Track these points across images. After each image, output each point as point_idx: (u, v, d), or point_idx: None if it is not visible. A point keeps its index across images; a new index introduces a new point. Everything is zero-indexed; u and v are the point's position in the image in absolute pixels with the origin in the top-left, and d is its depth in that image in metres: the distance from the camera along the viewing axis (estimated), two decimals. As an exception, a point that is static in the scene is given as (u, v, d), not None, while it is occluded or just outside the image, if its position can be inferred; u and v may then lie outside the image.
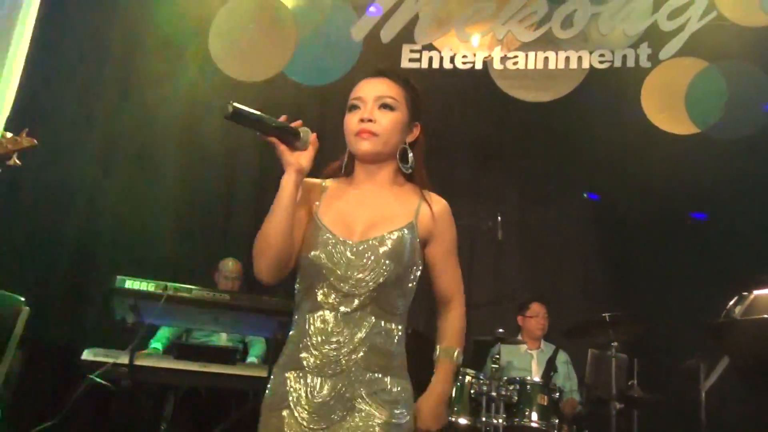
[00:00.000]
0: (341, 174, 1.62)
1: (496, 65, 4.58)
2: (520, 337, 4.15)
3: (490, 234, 4.07)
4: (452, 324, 1.66)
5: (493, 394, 3.50)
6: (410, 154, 1.58)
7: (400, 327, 1.53)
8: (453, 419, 3.51)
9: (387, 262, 1.48)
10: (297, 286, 1.56)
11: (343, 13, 4.79)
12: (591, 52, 4.49)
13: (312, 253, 1.50)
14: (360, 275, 1.48)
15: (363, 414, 1.44)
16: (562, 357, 4.07)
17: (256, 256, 1.49)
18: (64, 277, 4.37)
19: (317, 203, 1.57)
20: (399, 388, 1.49)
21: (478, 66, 4.61)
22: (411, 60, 4.67)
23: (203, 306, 3.36)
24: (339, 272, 1.48)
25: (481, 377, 3.61)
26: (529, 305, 4.19)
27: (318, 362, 1.46)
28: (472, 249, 4.51)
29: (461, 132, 4.62)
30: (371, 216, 1.54)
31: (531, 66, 4.54)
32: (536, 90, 4.50)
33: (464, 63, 4.63)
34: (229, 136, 4.44)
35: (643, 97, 4.32)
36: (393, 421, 1.46)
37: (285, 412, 1.45)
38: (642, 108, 4.32)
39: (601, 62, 4.48)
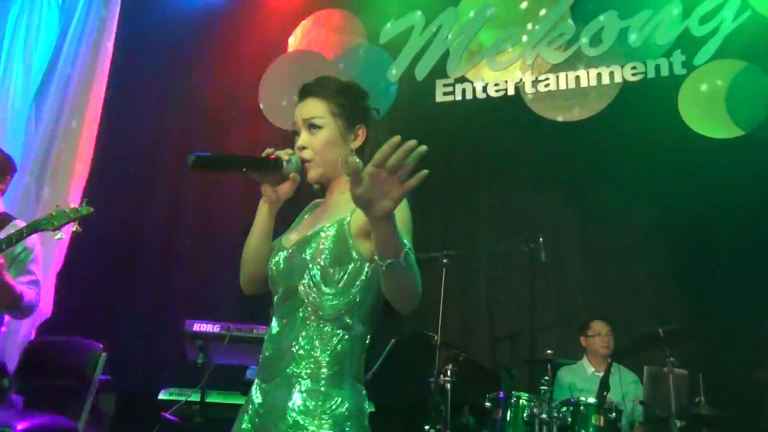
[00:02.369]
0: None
1: (528, 89, 4.49)
2: (585, 359, 3.94)
3: (540, 257, 3.94)
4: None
5: (545, 416, 3.33)
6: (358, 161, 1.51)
7: (341, 332, 1.38)
8: (508, 444, 3.37)
9: (309, 260, 1.40)
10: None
11: (378, 57, 4.87)
12: (623, 66, 4.31)
13: (270, 261, 1.52)
14: (290, 279, 1.43)
15: (296, 426, 1.31)
16: (630, 377, 3.83)
17: (241, 269, 1.57)
18: (144, 323, 4.59)
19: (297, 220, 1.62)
20: (339, 400, 1.34)
21: (511, 92, 4.53)
22: (445, 93, 4.67)
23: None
24: (275, 278, 1.47)
25: (534, 400, 3.45)
26: (589, 324, 3.98)
27: (263, 369, 1.43)
28: (533, 273, 4.37)
29: (500, 158, 4.54)
30: (314, 218, 1.54)
31: (563, 86, 4.41)
32: (570, 109, 4.37)
33: (497, 91, 4.57)
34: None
35: (680, 105, 4.08)
36: (343, 428, 1.31)
37: (244, 417, 1.43)
38: (681, 116, 4.07)
39: (633, 75, 4.29)
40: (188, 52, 5.07)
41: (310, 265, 1.40)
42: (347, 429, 1.32)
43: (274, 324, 1.45)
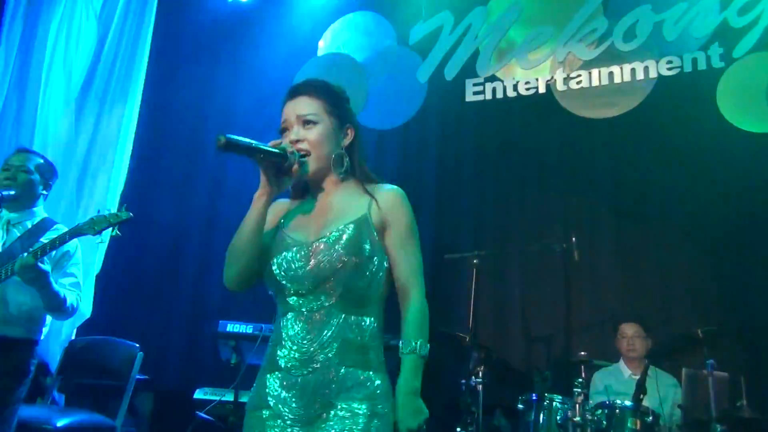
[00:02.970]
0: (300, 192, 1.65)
1: (560, 87, 4.40)
2: (621, 362, 3.85)
3: (573, 256, 3.87)
4: (413, 317, 1.52)
5: (578, 419, 3.26)
6: (346, 159, 1.59)
7: (372, 320, 1.51)
8: (542, 447, 3.31)
9: (343, 255, 1.47)
10: (270, 292, 1.58)
11: (408, 58, 4.85)
12: (658, 61, 4.19)
13: (274, 259, 1.52)
14: (320, 272, 1.47)
15: (342, 410, 1.42)
16: (668, 380, 3.72)
17: (226, 265, 1.57)
18: (180, 324, 4.67)
19: (282, 219, 1.62)
20: (378, 382, 1.46)
21: (542, 90, 4.45)
22: (475, 93, 4.62)
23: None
24: (300, 273, 1.49)
25: (567, 402, 3.38)
26: (618, 327, 3.86)
27: (293, 362, 1.46)
28: (567, 273, 4.29)
29: (532, 157, 4.47)
30: (325, 218, 1.56)
31: (595, 83, 4.31)
32: (603, 107, 4.26)
33: (527, 89, 4.50)
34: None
35: (719, 99, 3.95)
36: (375, 411, 1.43)
37: (266, 412, 1.46)
38: (719, 110, 3.94)
39: (669, 69, 4.16)
40: (221, 57, 5.16)
41: (345, 259, 1.46)
42: (380, 407, 1.44)
43: (295, 319, 1.49)
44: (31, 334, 2.65)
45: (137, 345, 3.64)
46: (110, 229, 2.51)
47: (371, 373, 1.47)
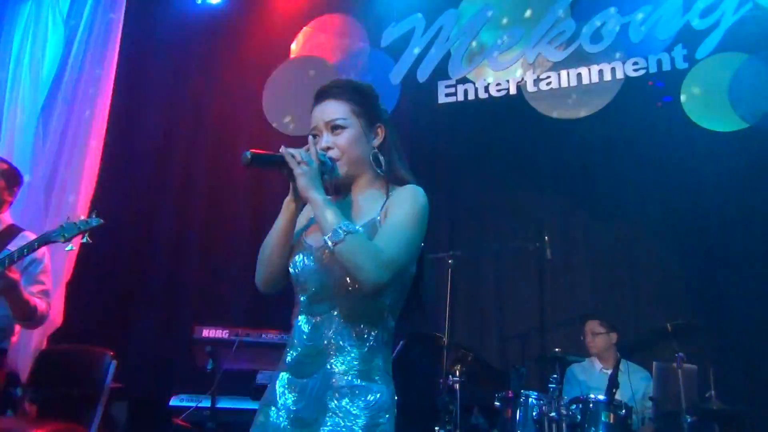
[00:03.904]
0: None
1: (530, 88, 4.47)
2: (593, 357, 3.92)
3: (546, 255, 3.92)
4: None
5: (554, 414, 3.30)
6: (381, 157, 1.55)
7: (373, 330, 1.46)
8: (517, 442, 3.35)
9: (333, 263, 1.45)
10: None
11: (380, 61, 4.87)
12: (624, 62, 4.28)
13: (293, 259, 1.53)
14: (325, 277, 1.47)
15: (337, 418, 1.39)
16: (640, 373, 3.79)
17: (257, 267, 1.56)
18: (153, 330, 4.60)
19: (303, 219, 1.60)
20: (379, 394, 1.42)
21: (513, 91, 4.52)
22: (447, 95, 4.66)
23: (274, 348, 3.45)
24: (305, 278, 1.49)
25: (543, 398, 3.43)
26: (583, 324, 3.95)
27: (295, 365, 1.47)
28: (540, 271, 4.35)
29: (504, 158, 4.52)
30: None
31: (564, 84, 4.39)
32: (572, 107, 4.35)
33: (498, 90, 4.56)
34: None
35: (683, 99, 4.05)
36: (376, 422, 1.39)
37: (271, 410, 1.46)
38: (684, 110, 4.04)
39: (635, 70, 4.26)
40: (191, 60, 5.10)
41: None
42: (381, 420, 1.41)
43: (303, 322, 1.49)
44: None
45: (111, 352, 3.57)
46: (80, 236, 2.46)
47: (374, 384, 1.43)
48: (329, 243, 1.38)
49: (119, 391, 3.96)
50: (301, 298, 1.50)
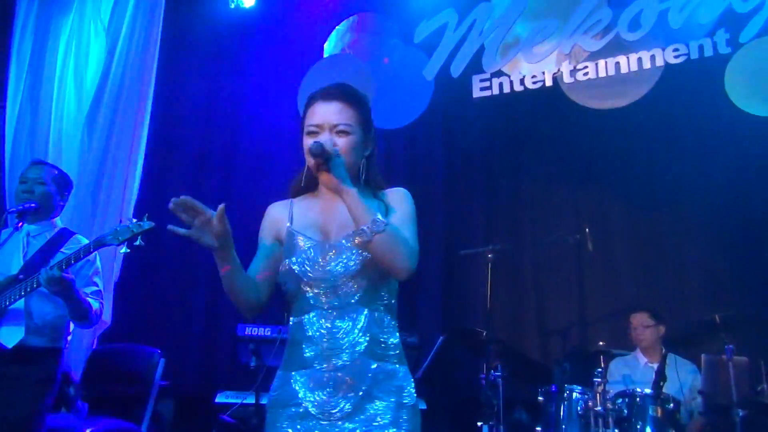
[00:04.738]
0: (302, 190, 1.66)
1: (567, 79, 4.41)
2: (637, 350, 3.85)
3: (587, 247, 3.87)
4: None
5: (599, 409, 3.26)
6: (366, 166, 1.60)
7: (390, 317, 1.55)
8: (563, 438, 3.31)
9: (364, 253, 1.50)
10: (285, 290, 1.59)
11: (413, 57, 4.87)
12: (664, 49, 4.18)
13: (292, 259, 1.54)
14: (341, 271, 1.50)
15: (374, 402, 1.46)
16: (687, 367, 3.71)
17: (238, 305, 1.59)
18: (198, 329, 4.70)
19: (287, 220, 1.62)
20: (401, 374, 1.52)
21: (549, 83, 4.46)
22: (482, 89, 4.63)
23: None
24: (320, 273, 1.51)
25: (588, 393, 3.38)
26: (629, 318, 3.87)
27: (321, 359, 1.48)
28: (581, 264, 4.30)
29: (541, 151, 4.47)
30: (341, 218, 1.56)
31: (602, 74, 4.31)
32: (610, 97, 4.26)
33: (534, 83, 4.51)
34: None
35: (727, 84, 3.93)
36: (401, 402, 1.49)
37: (294, 409, 1.48)
38: (728, 96, 3.93)
39: (676, 57, 4.15)
40: (227, 64, 5.18)
41: (370, 259, 1.49)
42: (406, 399, 1.51)
43: (316, 317, 1.51)
44: (55, 343, 2.68)
45: (159, 351, 3.67)
46: (133, 238, 2.53)
47: (396, 365, 1.53)
48: (369, 233, 1.44)
49: (166, 389, 4.07)
50: (309, 294, 1.52)
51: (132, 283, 4.33)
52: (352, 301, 1.51)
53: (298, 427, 1.47)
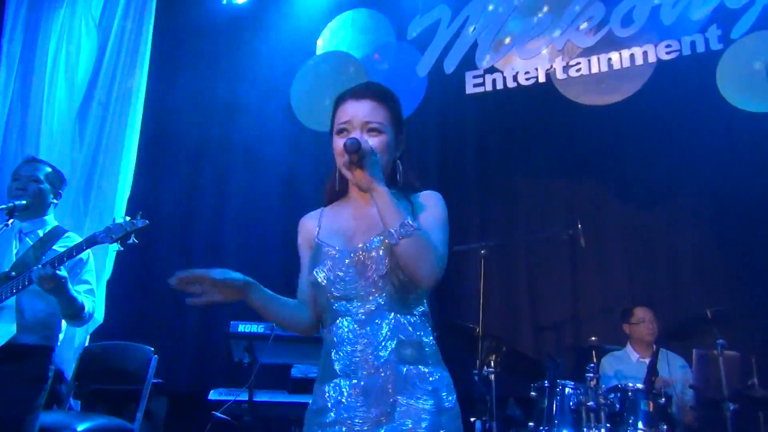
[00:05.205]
0: (335, 195, 1.65)
1: (560, 75, 4.41)
2: (629, 346, 3.88)
3: (580, 243, 3.89)
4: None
5: (592, 404, 3.28)
6: (401, 167, 1.58)
7: (422, 319, 1.52)
8: (555, 432, 3.33)
9: (388, 257, 1.46)
10: (317, 303, 1.58)
11: (406, 54, 4.87)
12: (656, 45, 4.19)
13: (317, 269, 1.53)
14: (367, 276, 1.48)
15: (406, 407, 1.41)
16: (678, 361, 3.74)
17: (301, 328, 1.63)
18: (191, 327, 4.69)
19: (317, 230, 1.61)
20: (438, 376, 1.47)
21: (542, 79, 4.46)
22: (475, 85, 4.63)
23: (309, 342, 3.50)
24: (347, 279, 1.50)
25: (580, 388, 3.40)
26: (632, 311, 3.89)
27: (350, 367, 1.46)
28: (574, 260, 4.32)
29: (534, 147, 4.49)
30: (368, 224, 1.54)
31: (595, 70, 4.33)
32: (603, 93, 4.27)
33: (527, 79, 4.51)
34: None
35: (719, 81, 3.96)
36: (441, 406, 1.43)
37: (328, 419, 1.45)
38: (720, 92, 3.95)
39: (668, 53, 4.17)
40: (221, 58, 5.17)
41: (390, 259, 1.46)
42: (445, 403, 1.45)
43: (345, 325, 1.49)
44: (47, 341, 2.68)
45: (152, 348, 3.67)
46: (126, 236, 2.53)
47: (431, 367, 1.47)
48: (395, 236, 1.40)
49: (159, 387, 4.07)
50: (339, 301, 1.50)
51: (125, 280, 4.32)
52: (378, 306, 1.48)
53: None
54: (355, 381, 1.45)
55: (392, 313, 1.47)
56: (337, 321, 1.50)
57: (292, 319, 1.58)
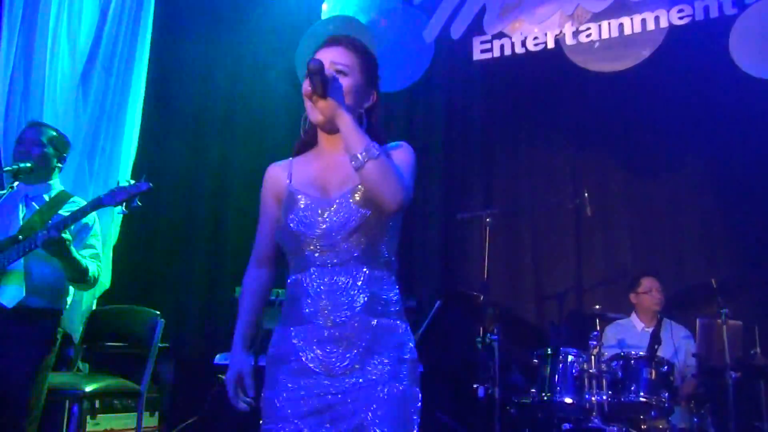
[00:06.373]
0: (303, 145, 1.66)
1: (569, 41, 4.34)
2: (634, 315, 3.90)
3: (586, 212, 3.88)
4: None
5: (594, 371, 3.31)
6: (364, 119, 1.57)
7: (389, 274, 1.56)
8: (557, 399, 3.38)
9: (363, 210, 1.50)
10: (283, 248, 1.60)
11: (413, 18, 4.80)
12: (668, 10, 4.11)
13: (290, 217, 1.54)
14: (340, 228, 1.50)
15: (374, 357, 1.47)
16: (681, 332, 3.76)
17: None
18: (198, 292, 4.74)
19: (287, 180, 1.62)
20: (401, 331, 1.54)
21: (551, 45, 4.39)
22: (483, 51, 4.57)
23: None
24: (319, 230, 1.51)
25: (582, 355, 3.44)
26: (639, 281, 3.89)
27: (321, 316, 1.48)
28: (579, 229, 4.32)
29: (542, 114, 4.45)
30: (340, 175, 1.56)
31: (605, 35, 4.24)
32: (613, 60, 4.21)
33: (536, 45, 4.44)
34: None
35: (732, 47, 3.89)
36: (402, 357, 1.50)
37: (294, 365, 1.49)
38: (732, 59, 3.88)
39: (680, 18, 4.09)
40: (226, 23, 5.10)
41: (367, 213, 1.49)
42: (406, 354, 1.53)
43: (316, 274, 1.51)
44: (55, 304, 2.71)
45: (158, 312, 3.71)
46: (131, 199, 2.54)
47: (397, 321, 1.54)
48: (361, 158, 1.42)
49: (166, 351, 4.14)
50: (311, 250, 1.51)
51: (131, 245, 4.35)
52: (351, 258, 1.50)
53: (301, 382, 1.47)
54: (325, 329, 1.48)
55: (364, 267, 1.51)
56: (310, 270, 1.51)
57: (262, 308, 1.70)
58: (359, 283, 1.50)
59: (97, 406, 3.64)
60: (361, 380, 1.46)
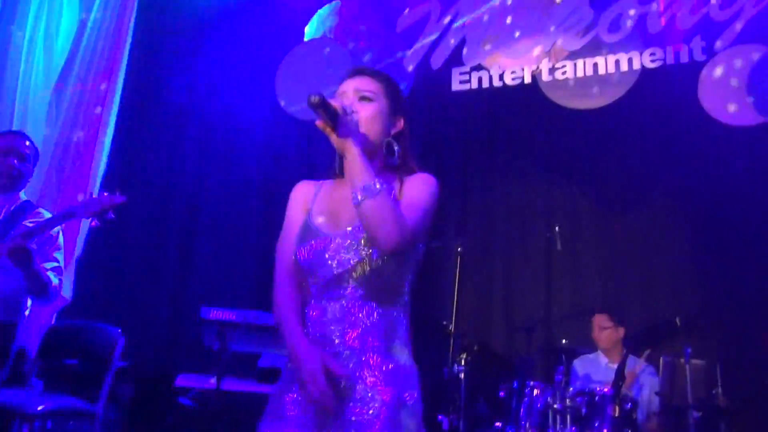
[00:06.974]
0: (336, 173, 1.61)
1: (545, 77, 4.43)
2: (599, 350, 3.91)
3: (556, 246, 3.92)
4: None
5: (558, 406, 3.31)
6: (396, 147, 1.55)
7: (396, 310, 1.49)
8: (521, 433, 3.36)
9: (368, 247, 1.46)
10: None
11: (394, 47, 4.85)
12: (642, 53, 4.24)
13: (300, 248, 1.52)
14: (345, 263, 1.46)
15: (365, 395, 1.41)
16: (646, 369, 3.78)
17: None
18: (162, 310, 4.64)
19: (312, 202, 1.60)
20: (401, 367, 1.45)
21: (528, 80, 4.48)
22: (461, 82, 4.64)
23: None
24: (320, 264, 1.48)
25: (549, 390, 3.43)
26: (591, 319, 3.93)
27: (320, 342, 1.45)
28: (549, 262, 4.35)
29: (516, 147, 4.51)
30: (353, 209, 1.50)
31: (580, 74, 4.35)
32: (587, 97, 4.31)
33: (513, 79, 4.52)
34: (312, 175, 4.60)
35: (700, 91, 4.01)
36: (404, 400, 1.42)
37: (288, 397, 1.45)
38: (700, 103, 4.01)
39: (653, 61, 4.22)
40: (206, 40, 5.10)
41: (365, 253, 1.45)
42: (407, 388, 1.44)
43: (314, 306, 1.49)
44: (11, 317, 2.63)
45: (119, 330, 3.61)
46: (104, 211, 2.48)
47: (396, 358, 1.46)
48: (359, 196, 1.38)
49: (126, 370, 4.02)
50: (312, 283, 1.49)
51: (95, 259, 4.25)
52: (352, 294, 1.47)
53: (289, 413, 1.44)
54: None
55: (370, 303, 1.46)
56: (313, 302, 1.49)
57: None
58: (352, 321, 1.45)
59: (49, 427, 3.50)
60: (354, 415, 1.40)
